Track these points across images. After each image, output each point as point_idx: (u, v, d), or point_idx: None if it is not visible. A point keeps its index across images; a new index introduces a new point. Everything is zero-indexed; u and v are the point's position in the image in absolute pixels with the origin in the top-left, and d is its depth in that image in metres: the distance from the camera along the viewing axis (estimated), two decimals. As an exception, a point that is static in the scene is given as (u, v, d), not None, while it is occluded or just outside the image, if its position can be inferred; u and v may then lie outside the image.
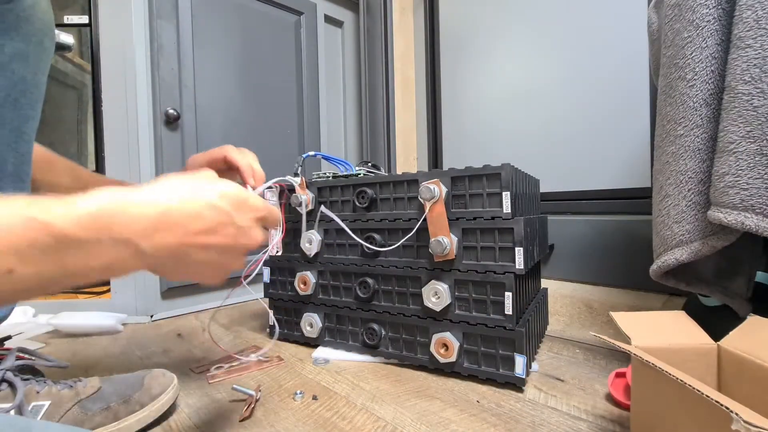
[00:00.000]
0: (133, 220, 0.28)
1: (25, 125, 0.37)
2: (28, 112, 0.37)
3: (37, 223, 0.25)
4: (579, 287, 1.05)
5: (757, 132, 0.42)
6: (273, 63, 1.38)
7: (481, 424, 0.51)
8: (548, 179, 1.13)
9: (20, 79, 0.35)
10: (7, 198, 0.26)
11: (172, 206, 0.30)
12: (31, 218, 0.25)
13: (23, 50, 0.35)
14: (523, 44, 1.27)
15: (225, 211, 0.33)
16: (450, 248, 0.61)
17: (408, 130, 1.60)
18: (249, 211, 0.36)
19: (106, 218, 0.27)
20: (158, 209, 0.29)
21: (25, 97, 0.36)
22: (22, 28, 0.34)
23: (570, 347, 0.77)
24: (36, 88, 0.37)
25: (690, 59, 0.50)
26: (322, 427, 0.52)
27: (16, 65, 0.35)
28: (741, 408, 0.28)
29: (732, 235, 0.47)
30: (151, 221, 0.29)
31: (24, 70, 0.36)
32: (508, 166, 0.58)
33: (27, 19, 0.35)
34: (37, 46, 0.36)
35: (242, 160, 0.54)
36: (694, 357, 0.43)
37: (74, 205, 0.27)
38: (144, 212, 0.29)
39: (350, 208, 0.74)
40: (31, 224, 0.25)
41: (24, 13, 0.34)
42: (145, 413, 0.51)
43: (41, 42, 0.37)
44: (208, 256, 0.33)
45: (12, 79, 0.35)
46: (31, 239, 0.25)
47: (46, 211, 0.26)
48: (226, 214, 0.33)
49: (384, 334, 0.71)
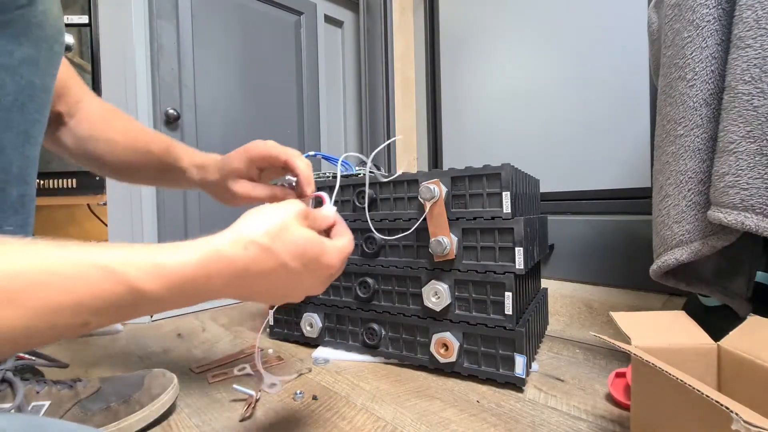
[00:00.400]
0: (213, 289, 0.30)
1: (32, 129, 0.37)
2: (35, 116, 0.37)
3: (116, 277, 0.25)
4: (579, 287, 1.05)
5: (757, 132, 0.42)
6: (273, 63, 1.38)
7: (481, 424, 0.51)
8: (548, 179, 1.13)
9: (29, 83, 0.36)
10: (79, 245, 0.25)
11: (249, 269, 0.31)
12: (110, 271, 0.25)
13: (33, 55, 0.35)
14: (523, 44, 1.27)
15: (297, 272, 0.34)
16: (450, 248, 0.61)
17: (408, 130, 1.60)
18: (322, 271, 0.36)
19: (190, 287, 0.28)
20: (236, 270, 0.30)
21: (32, 101, 0.36)
22: (33, 33, 0.35)
23: (570, 347, 0.77)
24: (44, 92, 0.38)
25: (690, 59, 0.50)
26: (322, 427, 0.52)
27: (25, 70, 0.35)
28: (741, 408, 0.28)
29: (732, 235, 0.47)
30: (226, 282, 0.30)
31: (33, 75, 0.36)
32: (508, 166, 0.58)
33: (39, 25, 0.35)
34: (47, 52, 0.37)
35: (303, 167, 0.51)
36: (694, 357, 0.43)
37: (162, 267, 0.27)
38: (224, 277, 0.30)
39: (350, 208, 0.74)
40: (111, 278, 0.24)
41: (36, 19, 0.34)
42: (145, 413, 0.51)
43: (51, 48, 0.37)
44: (274, 299, 0.36)
45: (20, 83, 0.35)
46: (109, 295, 0.24)
47: (126, 263, 0.25)
48: (298, 275, 0.34)
49: (384, 334, 0.71)
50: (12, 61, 0.34)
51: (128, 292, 0.25)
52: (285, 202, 0.36)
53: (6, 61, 0.33)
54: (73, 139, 0.54)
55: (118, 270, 0.25)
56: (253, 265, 0.31)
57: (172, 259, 0.27)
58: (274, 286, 0.33)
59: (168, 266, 0.27)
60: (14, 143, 0.35)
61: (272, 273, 0.32)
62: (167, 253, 0.27)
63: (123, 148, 0.56)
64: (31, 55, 0.35)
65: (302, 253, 0.34)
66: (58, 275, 0.23)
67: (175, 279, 0.27)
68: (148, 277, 0.26)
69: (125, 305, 0.25)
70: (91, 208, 1.68)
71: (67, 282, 0.23)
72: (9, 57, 0.34)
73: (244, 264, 0.30)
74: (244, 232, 0.32)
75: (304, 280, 0.35)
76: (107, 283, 0.24)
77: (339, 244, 0.38)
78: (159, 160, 0.57)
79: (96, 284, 0.24)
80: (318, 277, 0.36)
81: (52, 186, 1.47)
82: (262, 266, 0.31)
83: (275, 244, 0.32)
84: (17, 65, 0.34)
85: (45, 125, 0.40)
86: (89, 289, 0.24)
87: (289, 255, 0.33)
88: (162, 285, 0.26)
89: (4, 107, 0.34)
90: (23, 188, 0.37)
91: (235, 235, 0.31)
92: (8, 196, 0.36)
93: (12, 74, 0.34)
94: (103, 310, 0.24)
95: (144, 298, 0.26)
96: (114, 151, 0.56)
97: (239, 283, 0.31)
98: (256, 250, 0.31)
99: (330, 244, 0.37)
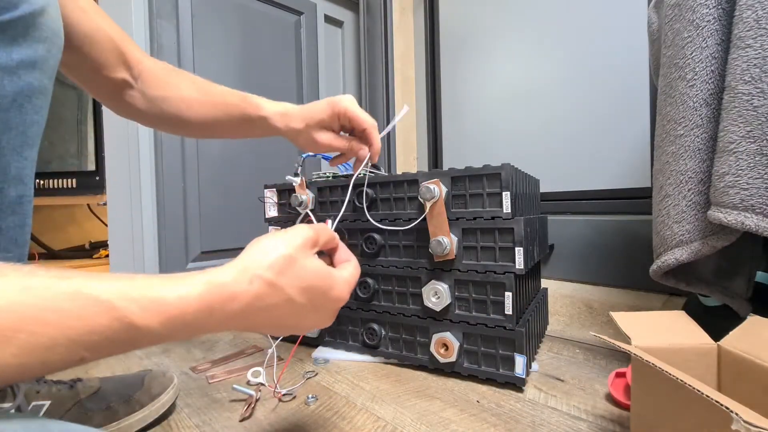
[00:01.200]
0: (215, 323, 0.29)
1: (30, 130, 0.37)
2: (34, 117, 0.37)
3: (113, 313, 0.24)
4: (579, 287, 1.05)
5: (757, 132, 0.42)
6: (273, 63, 1.38)
7: (481, 424, 0.51)
8: (548, 179, 1.13)
9: (26, 84, 0.35)
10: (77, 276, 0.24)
11: (253, 304, 0.30)
12: (108, 306, 0.24)
13: (31, 56, 0.35)
14: (523, 44, 1.27)
15: (304, 307, 0.33)
16: (450, 248, 0.61)
17: (408, 130, 1.60)
18: (330, 305, 0.35)
19: (190, 323, 0.27)
20: (239, 305, 0.29)
21: (30, 102, 0.36)
22: (29, 34, 0.35)
23: (570, 347, 0.77)
24: (42, 93, 0.37)
25: (690, 59, 0.50)
26: (322, 427, 0.52)
27: (23, 71, 0.35)
28: (741, 408, 0.28)
29: (732, 235, 0.47)
30: (228, 317, 0.29)
31: (30, 76, 0.36)
32: (508, 166, 0.58)
33: (35, 26, 0.35)
34: (44, 53, 0.36)
35: (377, 143, 0.56)
36: (694, 357, 0.43)
37: (161, 303, 0.26)
38: (226, 312, 0.29)
39: (350, 208, 0.74)
40: (108, 314, 0.24)
41: (33, 20, 0.34)
42: (145, 413, 0.51)
43: (49, 50, 0.37)
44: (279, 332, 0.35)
45: (18, 84, 0.35)
46: (105, 330, 0.24)
47: (124, 298, 0.24)
48: (304, 309, 0.33)
49: (384, 334, 0.71)
50: (10, 62, 0.34)
51: (125, 328, 0.24)
52: (293, 230, 0.34)
53: (4, 62, 0.33)
54: (145, 101, 0.55)
55: (117, 305, 0.24)
56: (257, 300, 0.30)
57: (172, 293, 0.26)
58: (278, 320, 0.32)
59: (167, 301, 0.26)
60: (12, 144, 0.35)
61: (277, 308, 0.31)
62: (167, 287, 0.26)
63: (199, 103, 0.57)
64: (29, 56, 0.35)
65: (309, 287, 0.32)
66: (53, 311, 0.22)
67: (174, 314, 0.26)
68: (146, 312, 0.25)
69: (121, 341, 0.24)
70: (91, 208, 1.68)
71: (62, 317, 0.22)
72: (7, 58, 0.34)
73: (248, 299, 0.29)
74: (249, 264, 0.30)
75: (310, 314, 0.34)
76: (104, 318, 0.23)
77: (347, 275, 0.37)
78: (239, 111, 0.58)
79: (92, 320, 0.23)
80: (326, 312, 0.35)
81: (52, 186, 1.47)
82: (267, 301, 0.30)
83: (281, 278, 0.31)
84: (15, 66, 0.34)
85: (43, 126, 0.39)
86: (85, 324, 0.23)
87: (296, 290, 0.32)
88: (161, 321, 0.25)
89: (3, 108, 0.34)
90: (21, 189, 0.37)
91: (240, 268, 0.30)
92: (6, 196, 0.36)
93: (10, 75, 0.34)
94: (99, 345, 0.24)
95: (141, 333, 0.25)
96: (192, 107, 0.57)
97: (242, 318, 0.30)
98: (261, 285, 0.30)
99: (338, 276, 0.35)
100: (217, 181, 1.23)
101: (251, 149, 1.31)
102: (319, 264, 0.34)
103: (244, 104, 0.58)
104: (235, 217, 1.26)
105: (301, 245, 0.33)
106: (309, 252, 0.34)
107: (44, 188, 1.45)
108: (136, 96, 0.55)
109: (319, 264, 0.34)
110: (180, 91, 0.56)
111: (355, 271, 0.38)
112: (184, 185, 1.16)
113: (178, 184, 1.15)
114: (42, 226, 1.63)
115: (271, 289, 0.30)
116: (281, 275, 0.31)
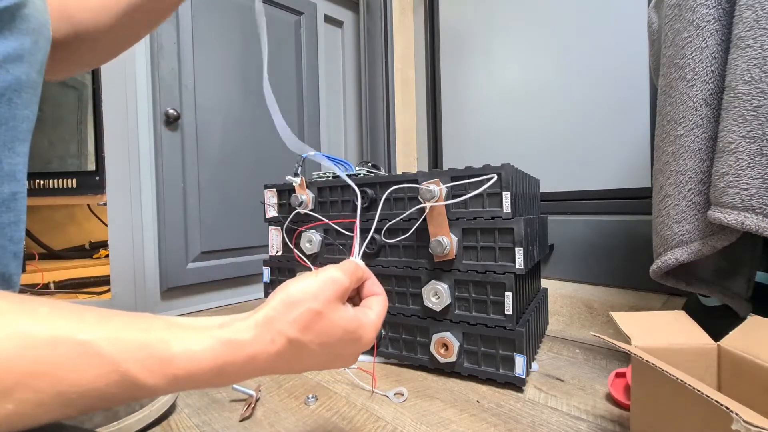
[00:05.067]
0: (224, 378, 0.26)
1: (21, 125, 0.36)
2: (24, 112, 0.36)
3: (117, 375, 0.22)
4: (579, 287, 1.05)
5: (757, 132, 0.42)
6: (273, 63, 1.38)
7: (481, 424, 0.51)
8: (548, 179, 1.13)
9: (15, 78, 0.34)
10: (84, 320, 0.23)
11: (271, 362, 0.28)
12: (111, 365, 0.22)
13: (18, 49, 0.34)
14: (523, 44, 1.27)
15: (325, 358, 0.31)
16: (450, 248, 0.61)
17: (408, 130, 1.60)
18: (356, 349, 0.33)
19: (197, 380, 0.25)
20: (256, 365, 0.27)
21: (20, 96, 0.35)
22: (15, 26, 0.34)
23: (570, 347, 0.77)
24: (31, 87, 0.36)
25: (690, 59, 0.50)
26: (322, 427, 0.52)
27: (10, 64, 0.34)
28: (741, 408, 0.28)
29: (732, 235, 0.47)
30: (242, 372, 0.27)
31: (18, 70, 0.35)
32: (508, 166, 0.58)
33: (21, 17, 0.34)
34: (32, 46, 0.35)
35: None
36: (694, 357, 0.43)
37: (168, 364, 0.24)
38: (239, 368, 0.27)
39: (350, 208, 0.74)
40: (110, 375, 0.22)
41: (18, 11, 0.34)
42: (145, 413, 0.51)
43: (36, 42, 0.36)
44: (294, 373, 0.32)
45: (7, 78, 0.34)
46: (105, 387, 0.22)
47: (129, 357, 0.23)
48: (325, 359, 0.31)
49: (384, 334, 0.71)
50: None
51: (128, 387, 0.23)
52: (324, 276, 0.31)
53: None
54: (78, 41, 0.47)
55: (122, 367, 0.22)
56: (278, 357, 0.28)
57: (180, 351, 0.24)
58: (297, 368, 0.30)
59: (175, 362, 0.24)
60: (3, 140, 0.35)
61: (297, 361, 0.29)
62: (176, 342, 0.24)
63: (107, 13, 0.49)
64: (15, 49, 0.34)
65: (336, 342, 0.30)
66: (50, 364, 0.21)
67: (180, 374, 0.24)
68: (152, 374, 0.23)
69: (121, 397, 0.23)
70: (91, 208, 1.68)
71: (60, 373, 0.21)
72: None
73: (268, 359, 0.27)
74: (272, 319, 0.28)
75: (332, 361, 0.32)
76: (105, 378, 0.22)
77: (374, 318, 0.34)
78: None
79: (93, 379, 0.22)
80: (350, 356, 0.33)
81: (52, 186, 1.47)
82: (287, 357, 0.28)
83: (306, 335, 0.28)
84: (2, 60, 0.33)
85: (34, 121, 0.39)
86: (84, 382, 0.22)
87: (321, 346, 0.29)
88: (166, 380, 0.24)
89: None
90: (14, 185, 0.37)
91: (261, 322, 0.28)
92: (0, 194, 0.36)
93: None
94: (97, 401, 0.23)
95: (144, 390, 0.24)
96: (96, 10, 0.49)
97: (258, 372, 0.28)
98: (283, 343, 0.28)
99: (366, 322, 0.32)
100: (217, 181, 1.23)
101: (251, 149, 1.31)
102: (348, 316, 0.31)
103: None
104: (235, 217, 1.26)
105: (332, 298, 0.30)
106: (339, 305, 0.31)
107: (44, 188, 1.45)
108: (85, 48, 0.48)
109: (348, 317, 0.31)
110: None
111: (382, 310, 0.36)
112: (184, 185, 1.16)
113: (178, 184, 1.15)
114: (42, 226, 1.63)
115: (294, 348, 0.28)
116: (306, 332, 0.28)
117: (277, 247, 0.81)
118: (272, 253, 0.81)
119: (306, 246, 0.77)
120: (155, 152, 1.11)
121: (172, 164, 1.14)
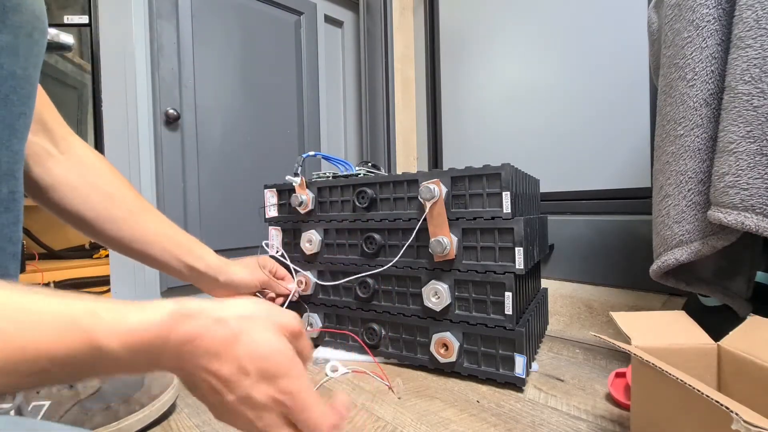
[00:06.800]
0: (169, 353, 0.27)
1: (17, 122, 0.35)
2: (20, 109, 0.35)
3: (80, 334, 0.24)
4: (579, 287, 1.05)
5: (757, 132, 0.42)
6: (273, 63, 1.38)
7: (481, 424, 0.51)
8: (548, 179, 1.13)
9: (10, 74, 0.34)
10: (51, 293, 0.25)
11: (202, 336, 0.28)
12: (77, 326, 0.24)
13: (11, 43, 0.33)
14: (523, 44, 1.27)
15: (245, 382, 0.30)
16: (450, 248, 0.61)
17: (408, 130, 1.60)
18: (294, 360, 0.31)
19: (148, 348, 0.26)
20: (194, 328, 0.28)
21: (16, 93, 0.34)
22: (8, 19, 0.33)
23: (570, 347, 0.77)
24: (27, 83, 0.36)
25: (690, 59, 0.50)
26: (322, 427, 0.52)
27: (4, 59, 0.33)
28: (741, 408, 0.28)
29: (732, 235, 0.47)
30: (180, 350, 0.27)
31: (14, 65, 0.34)
32: (508, 166, 0.58)
33: (14, 9, 0.33)
34: (26, 39, 0.34)
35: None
36: (694, 357, 0.43)
37: (124, 322, 0.25)
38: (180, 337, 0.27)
39: (350, 208, 0.74)
40: (75, 333, 0.24)
41: (10, 3, 0.32)
42: (145, 413, 0.51)
43: (30, 34, 0.35)
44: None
45: (1, 74, 0.33)
46: (69, 347, 0.24)
47: (93, 316, 0.25)
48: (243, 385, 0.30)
49: (384, 334, 0.71)
50: None
51: (89, 347, 0.24)
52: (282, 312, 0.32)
53: None
54: (67, 177, 0.47)
55: (83, 323, 0.24)
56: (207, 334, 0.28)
57: (136, 317, 0.26)
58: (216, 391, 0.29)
59: (130, 319, 0.26)
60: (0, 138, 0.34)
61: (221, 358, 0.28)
62: (133, 312, 0.26)
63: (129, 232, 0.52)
64: (9, 42, 0.33)
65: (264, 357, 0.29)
66: (21, 322, 0.23)
67: (134, 338, 0.25)
68: (110, 334, 0.25)
69: (83, 361, 0.24)
70: (91, 208, 1.68)
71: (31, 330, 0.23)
72: None
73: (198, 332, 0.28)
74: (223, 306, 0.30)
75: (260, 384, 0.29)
76: (70, 334, 0.24)
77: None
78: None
79: (59, 336, 0.23)
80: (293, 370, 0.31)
81: (52, 186, 1.46)
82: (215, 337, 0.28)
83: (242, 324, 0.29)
84: None
85: (30, 118, 0.38)
86: (52, 339, 0.23)
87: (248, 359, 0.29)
88: (121, 343, 0.25)
89: None
90: (12, 184, 0.36)
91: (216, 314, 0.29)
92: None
93: None
94: (64, 361, 0.24)
95: (102, 354, 0.25)
96: (113, 229, 0.51)
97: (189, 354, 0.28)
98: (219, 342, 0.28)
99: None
100: (217, 181, 1.23)
101: (251, 149, 1.31)
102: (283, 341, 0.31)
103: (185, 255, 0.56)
104: (235, 217, 1.26)
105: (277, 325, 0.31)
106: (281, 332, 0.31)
107: (44, 188, 1.45)
108: (55, 164, 0.47)
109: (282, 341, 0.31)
110: (114, 211, 0.50)
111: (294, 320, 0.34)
112: (184, 185, 1.16)
113: (178, 184, 1.15)
114: (42, 226, 1.63)
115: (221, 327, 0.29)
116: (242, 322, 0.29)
117: (277, 248, 0.82)
118: (272, 253, 0.81)
119: (306, 246, 0.77)
120: (155, 152, 1.11)
121: (172, 164, 1.14)
